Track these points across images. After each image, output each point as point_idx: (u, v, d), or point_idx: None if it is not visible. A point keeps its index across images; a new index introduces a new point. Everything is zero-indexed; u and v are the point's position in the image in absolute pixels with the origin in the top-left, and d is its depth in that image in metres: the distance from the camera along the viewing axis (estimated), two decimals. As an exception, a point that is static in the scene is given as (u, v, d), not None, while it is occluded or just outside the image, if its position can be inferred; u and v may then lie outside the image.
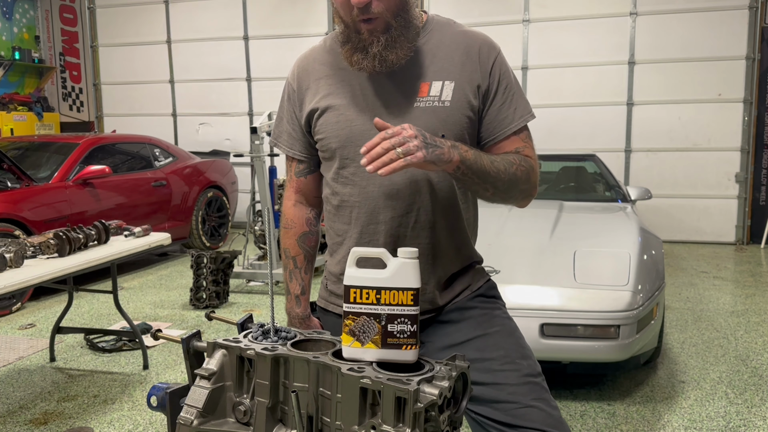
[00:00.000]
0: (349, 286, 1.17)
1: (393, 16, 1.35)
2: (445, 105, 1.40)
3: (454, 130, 1.40)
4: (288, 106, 1.57)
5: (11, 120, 8.91)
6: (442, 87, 1.40)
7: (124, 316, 3.68)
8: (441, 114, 1.40)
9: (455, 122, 1.41)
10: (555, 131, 7.95)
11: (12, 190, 5.19)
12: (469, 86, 1.42)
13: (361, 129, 1.42)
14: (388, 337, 1.16)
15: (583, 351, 3.04)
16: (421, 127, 1.30)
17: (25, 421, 3.07)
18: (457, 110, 1.41)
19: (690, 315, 4.67)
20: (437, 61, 1.42)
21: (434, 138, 1.27)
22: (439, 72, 1.41)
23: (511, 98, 1.45)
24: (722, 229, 7.69)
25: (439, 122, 1.39)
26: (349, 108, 1.44)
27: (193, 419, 1.24)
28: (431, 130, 1.33)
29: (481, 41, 1.46)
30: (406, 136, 1.22)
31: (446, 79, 1.41)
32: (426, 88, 1.40)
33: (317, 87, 1.49)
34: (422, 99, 1.41)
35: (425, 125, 1.34)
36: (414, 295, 1.16)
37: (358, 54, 1.38)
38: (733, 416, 3.03)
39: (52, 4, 9.87)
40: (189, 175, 6.99)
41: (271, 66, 8.87)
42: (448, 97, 1.40)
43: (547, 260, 3.42)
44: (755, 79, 7.39)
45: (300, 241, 1.62)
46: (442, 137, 1.33)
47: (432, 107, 1.40)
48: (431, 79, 1.41)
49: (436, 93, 1.40)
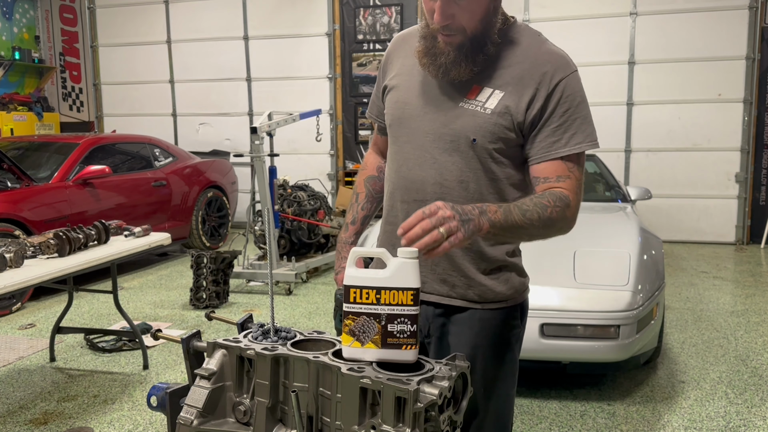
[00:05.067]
0: (349, 286, 1.17)
1: (470, 36, 1.38)
2: (486, 112, 1.41)
3: (486, 137, 1.41)
4: (380, 74, 1.67)
5: (11, 120, 8.91)
6: (491, 94, 1.41)
7: (124, 316, 3.68)
8: (479, 119, 1.41)
9: (490, 131, 1.41)
10: (555, 131, 7.94)
11: (12, 190, 5.18)
12: (517, 100, 1.40)
13: (411, 113, 1.49)
14: (388, 337, 1.16)
15: (583, 351, 3.04)
16: (457, 128, 1.40)
17: (25, 421, 3.07)
18: (496, 120, 1.41)
19: (690, 315, 4.67)
20: (499, 69, 1.43)
21: (465, 211, 1.25)
22: (495, 80, 1.42)
23: (570, 123, 1.40)
24: (722, 229, 7.69)
25: (474, 126, 1.41)
26: (408, 92, 1.51)
27: (193, 419, 1.24)
28: (466, 132, 1.40)
29: (554, 61, 1.42)
30: (445, 217, 1.19)
31: (498, 88, 1.41)
32: (476, 91, 1.43)
33: (397, 65, 1.58)
34: (469, 101, 1.43)
35: (461, 125, 1.41)
36: (414, 295, 1.16)
37: (428, 57, 1.43)
38: (733, 416, 3.03)
39: (52, 4, 9.87)
40: (189, 175, 6.99)
41: (271, 66, 8.87)
42: (492, 105, 1.41)
43: (547, 260, 3.42)
44: (755, 79, 7.39)
45: (367, 181, 1.76)
46: (473, 141, 1.40)
47: (473, 111, 1.42)
48: (484, 84, 1.43)
49: (483, 98, 1.42)
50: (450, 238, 1.18)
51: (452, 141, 1.44)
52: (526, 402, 3.20)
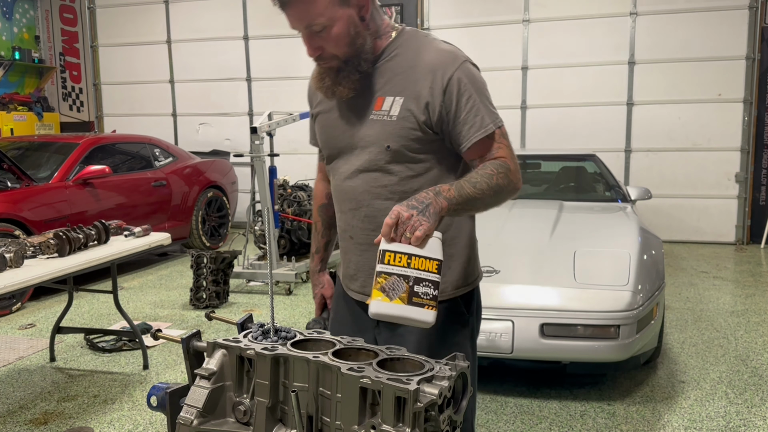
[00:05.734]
0: (385, 250, 1.30)
1: (344, 59, 1.50)
2: (392, 119, 1.52)
3: (399, 141, 1.53)
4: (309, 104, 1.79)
5: (11, 120, 8.91)
6: (393, 102, 1.52)
7: (124, 316, 3.68)
8: (388, 127, 1.53)
9: (400, 135, 1.52)
10: (555, 131, 7.95)
11: (12, 190, 5.19)
12: (416, 102, 1.50)
13: (334, 133, 1.64)
14: (414, 296, 1.28)
15: (583, 351, 3.05)
16: (371, 138, 1.53)
17: (25, 421, 3.07)
18: (402, 124, 1.51)
19: (690, 315, 4.67)
20: (395, 78, 1.53)
21: (420, 199, 1.36)
22: (393, 88, 1.53)
23: (475, 109, 1.50)
24: (722, 229, 7.69)
25: (386, 134, 1.53)
26: (329, 115, 1.65)
27: (193, 419, 1.24)
28: (380, 141, 1.53)
29: (442, 59, 1.51)
30: (404, 220, 1.32)
31: (397, 95, 1.52)
32: (380, 103, 1.54)
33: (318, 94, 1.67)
34: (376, 113, 1.54)
35: (375, 135, 1.54)
36: (438, 266, 1.30)
37: (316, 82, 1.58)
38: (733, 416, 3.03)
39: (52, 4, 9.87)
40: (189, 175, 6.99)
41: (271, 66, 8.87)
42: (396, 112, 1.51)
43: (547, 260, 3.42)
44: (755, 79, 7.39)
45: (320, 210, 1.91)
46: (387, 148, 1.53)
47: (381, 120, 1.53)
48: (385, 94, 1.53)
49: (386, 108, 1.53)
50: (417, 232, 1.30)
51: (370, 151, 1.56)
52: (526, 402, 3.20)
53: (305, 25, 1.45)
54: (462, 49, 1.59)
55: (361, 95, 1.55)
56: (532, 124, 8.06)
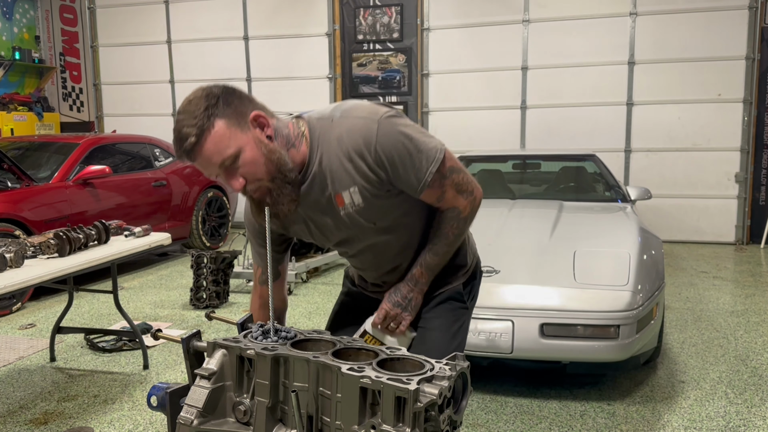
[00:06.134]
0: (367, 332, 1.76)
1: (268, 179, 1.50)
2: (361, 206, 1.59)
3: (379, 216, 1.62)
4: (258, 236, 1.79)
5: (11, 120, 8.91)
6: (351, 194, 1.58)
7: (125, 316, 3.68)
8: (363, 214, 1.60)
9: (376, 213, 1.61)
10: (555, 131, 7.95)
11: (12, 190, 5.19)
12: (367, 183, 1.56)
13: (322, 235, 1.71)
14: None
15: (583, 351, 3.05)
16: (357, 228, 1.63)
17: (25, 421, 3.07)
18: (372, 204, 1.59)
19: (690, 315, 4.67)
20: (336, 175, 1.56)
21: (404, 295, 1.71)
22: (342, 183, 1.57)
23: (411, 161, 1.53)
24: (722, 229, 7.69)
25: (365, 220, 1.62)
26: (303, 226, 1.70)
27: (193, 419, 1.24)
28: (365, 225, 1.62)
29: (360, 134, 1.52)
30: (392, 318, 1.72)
31: (349, 187, 1.57)
32: (341, 200, 1.59)
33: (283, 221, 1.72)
34: (343, 209, 1.60)
35: (358, 224, 1.62)
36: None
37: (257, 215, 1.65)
38: (733, 416, 3.03)
39: (52, 4, 9.87)
40: (189, 175, 6.99)
41: (271, 66, 8.87)
42: (359, 201, 1.58)
43: (547, 260, 3.42)
44: (755, 79, 7.39)
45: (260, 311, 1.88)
46: (374, 224, 1.63)
47: (353, 212, 1.60)
48: (339, 191, 1.58)
49: (349, 201, 1.59)
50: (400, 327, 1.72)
51: (363, 233, 1.66)
52: (526, 402, 3.20)
53: (219, 163, 1.45)
54: (462, 49, 1.61)
55: (318, 202, 1.60)
56: (532, 124, 8.06)
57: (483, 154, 6.01)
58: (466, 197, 1.64)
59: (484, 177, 5.48)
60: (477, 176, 5.52)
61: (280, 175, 1.50)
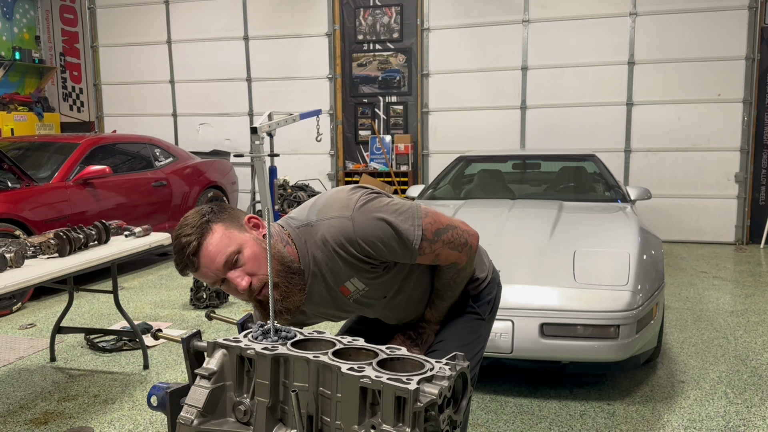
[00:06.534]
0: None
1: (275, 275, 1.52)
2: (366, 290, 1.66)
3: (386, 290, 1.69)
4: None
5: (11, 120, 8.91)
6: (353, 283, 1.64)
7: (125, 316, 3.68)
8: (371, 294, 1.68)
9: (382, 289, 1.68)
10: (555, 131, 7.95)
11: (12, 190, 5.19)
12: (363, 271, 1.61)
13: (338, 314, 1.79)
14: None
15: (583, 351, 3.05)
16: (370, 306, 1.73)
17: (25, 421, 3.07)
18: (375, 284, 1.65)
19: (690, 315, 4.67)
20: (333, 272, 1.61)
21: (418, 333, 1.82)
22: (341, 277, 1.62)
23: (395, 241, 1.56)
24: (722, 229, 7.69)
25: (374, 299, 1.70)
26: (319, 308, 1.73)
27: (193, 419, 1.24)
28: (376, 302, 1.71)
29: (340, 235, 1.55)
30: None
31: (350, 278, 1.62)
32: (345, 290, 1.65)
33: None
34: (350, 296, 1.67)
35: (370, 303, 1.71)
36: None
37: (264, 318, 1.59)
38: (733, 416, 3.03)
39: (53, 4, 9.87)
40: (189, 175, 7.00)
41: (271, 66, 8.88)
42: (363, 286, 1.65)
43: (547, 260, 3.42)
44: (755, 79, 7.39)
45: None
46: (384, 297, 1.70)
47: (360, 297, 1.68)
48: (341, 283, 1.63)
49: (353, 290, 1.65)
50: None
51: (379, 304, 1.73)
52: (526, 402, 3.20)
53: (223, 262, 1.48)
54: (462, 49, 1.62)
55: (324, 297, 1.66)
56: (532, 124, 8.06)
57: (483, 154, 6.01)
58: (461, 250, 1.67)
59: (484, 177, 5.48)
60: (477, 176, 5.52)
61: (284, 268, 1.54)
